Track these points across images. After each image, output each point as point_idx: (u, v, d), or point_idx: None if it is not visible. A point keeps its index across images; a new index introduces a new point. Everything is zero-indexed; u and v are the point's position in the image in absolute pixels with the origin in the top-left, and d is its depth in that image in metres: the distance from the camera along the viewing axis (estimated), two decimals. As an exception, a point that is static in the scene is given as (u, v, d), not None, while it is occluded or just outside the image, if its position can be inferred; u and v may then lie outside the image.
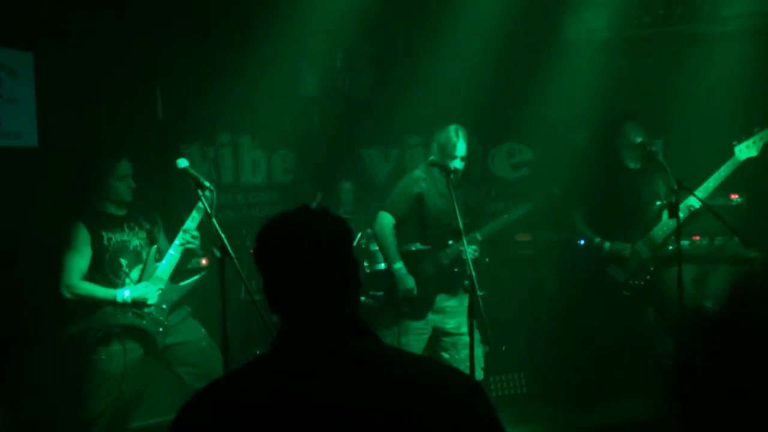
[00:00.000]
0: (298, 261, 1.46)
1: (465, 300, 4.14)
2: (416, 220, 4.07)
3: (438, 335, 4.08)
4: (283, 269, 1.48)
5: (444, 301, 4.10)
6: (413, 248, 4.04)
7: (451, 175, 3.95)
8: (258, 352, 4.66)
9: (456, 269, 4.07)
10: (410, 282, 4.00)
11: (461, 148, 3.99)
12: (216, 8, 5.03)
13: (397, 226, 4.05)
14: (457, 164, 4.01)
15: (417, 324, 4.02)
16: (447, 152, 4.00)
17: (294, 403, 1.33)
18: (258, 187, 6.03)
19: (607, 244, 4.44)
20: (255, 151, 6.00)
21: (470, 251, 4.00)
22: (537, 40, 5.57)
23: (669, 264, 4.28)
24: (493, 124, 5.94)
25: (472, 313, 3.56)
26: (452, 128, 4.04)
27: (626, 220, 4.43)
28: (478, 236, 4.03)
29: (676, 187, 3.70)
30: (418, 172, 4.16)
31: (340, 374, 1.36)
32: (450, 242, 4.07)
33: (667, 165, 3.84)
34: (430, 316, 4.07)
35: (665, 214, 4.23)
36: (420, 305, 4.04)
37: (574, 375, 4.86)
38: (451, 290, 4.12)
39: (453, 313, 4.09)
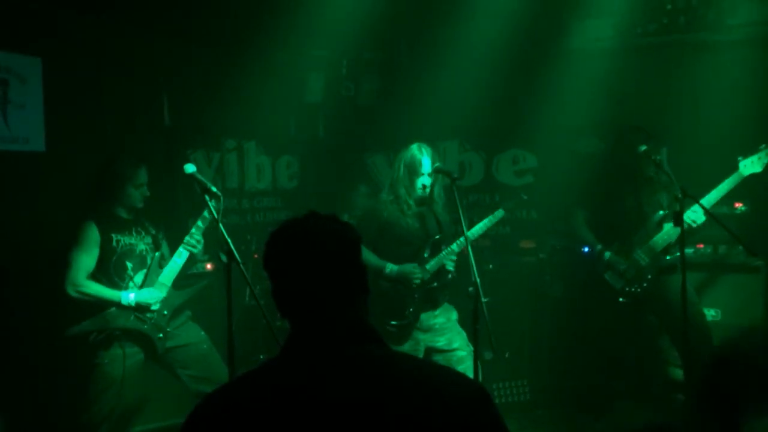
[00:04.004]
0: (306, 267, 1.47)
1: (453, 315, 4.16)
2: (389, 241, 4.07)
3: (430, 354, 4.06)
4: (291, 275, 1.49)
5: (431, 319, 4.07)
6: (388, 270, 4.02)
7: (426, 190, 4.01)
8: (262, 357, 4.67)
9: (435, 283, 4.05)
10: (409, 266, 3.98)
11: (426, 164, 4.01)
12: (222, 15, 5.05)
13: (373, 250, 4.06)
14: (425, 180, 4.02)
15: (406, 346, 3.99)
16: (414, 169, 4.02)
17: (302, 407, 1.34)
18: (263, 193, 6.05)
19: (607, 254, 4.44)
20: (260, 157, 6.03)
21: (450, 264, 4.02)
22: (542, 47, 5.58)
23: (671, 272, 4.29)
24: (497, 131, 5.94)
25: (476, 320, 3.56)
26: (415, 146, 4.07)
27: (627, 228, 4.43)
28: (455, 248, 4.02)
29: (680, 195, 3.70)
30: (383, 196, 4.17)
31: (348, 379, 1.37)
32: (426, 254, 4.06)
33: (672, 173, 3.85)
34: (420, 336, 4.04)
35: (668, 224, 4.23)
36: (405, 323, 4.02)
37: (578, 382, 4.86)
38: (433, 305, 4.08)
39: (442, 330, 4.07)
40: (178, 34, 4.95)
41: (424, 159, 4.01)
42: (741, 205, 4.65)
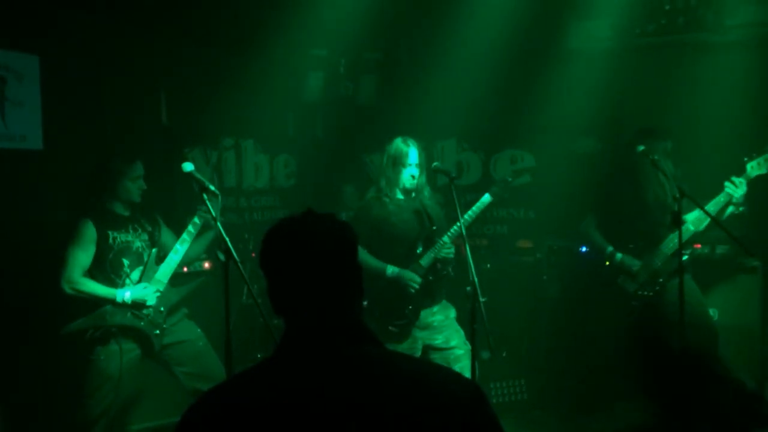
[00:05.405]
0: (302, 267, 1.46)
1: (451, 312, 4.15)
2: (383, 241, 4.04)
3: (428, 352, 4.05)
4: (287, 274, 1.48)
5: (429, 317, 4.05)
6: (389, 272, 4.00)
7: (415, 180, 3.99)
8: (259, 356, 4.67)
9: (431, 277, 4.03)
10: (408, 273, 3.98)
11: (413, 154, 4.00)
12: (221, 14, 5.05)
13: (367, 249, 4.03)
14: (413, 171, 4.01)
15: (405, 344, 3.98)
16: (399, 161, 4.01)
17: (297, 408, 1.33)
18: (260, 191, 6.05)
19: (619, 255, 4.44)
20: (258, 156, 6.03)
21: (444, 252, 3.99)
22: (541, 47, 5.59)
23: (678, 274, 4.28)
24: (495, 131, 5.95)
25: (474, 319, 3.56)
26: (400, 139, 4.06)
27: (637, 231, 4.43)
28: (446, 239, 4.01)
29: (678, 195, 3.70)
30: (370, 195, 4.16)
31: (344, 379, 1.37)
32: (419, 250, 4.04)
33: (669, 173, 3.85)
34: (418, 333, 4.02)
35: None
36: (404, 324, 4.01)
37: (575, 382, 4.86)
38: (431, 300, 4.07)
39: (440, 328, 4.05)
40: (176, 33, 4.95)
41: (410, 150, 4.00)
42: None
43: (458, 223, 3.74)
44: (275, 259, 1.49)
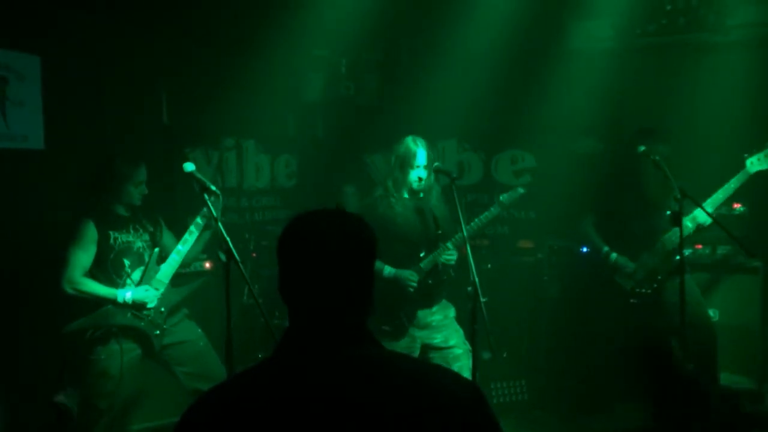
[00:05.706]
0: (305, 267, 1.45)
1: (450, 312, 4.13)
2: (387, 240, 4.00)
3: (427, 351, 4.04)
4: (292, 273, 1.47)
5: (428, 316, 4.04)
6: (386, 272, 3.99)
7: (422, 183, 3.97)
8: (260, 356, 4.67)
9: (430, 281, 4.02)
10: (407, 273, 3.97)
11: (422, 155, 3.97)
12: (221, 14, 5.06)
13: None
14: (421, 173, 3.98)
15: (403, 342, 3.97)
16: (407, 161, 3.97)
17: (297, 408, 1.33)
18: (261, 192, 6.06)
19: (613, 255, 4.44)
20: (259, 156, 6.04)
21: (445, 258, 3.97)
22: (542, 47, 5.59)
23: (677, 273, 4.29)
24: (496, 131, 5.95)
25: (474, 319, 3.56)
26: (410, 138, 4.02)
27: (635, 230, 4.43)
28: (450, 245, 3.99)
29: (678, 196, 3.71)
30: (378, 194, 4.14)
31: (344, 379, 1.37)
32: (422, 254, 4.03)
33: (671, 174, 3.85)
34: (417, 333, 4.01)
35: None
36: (398, 323, 4.00)
37: (575, 382, 4.86)
38: (429, 303, 4.05)
39: (439, 327, 4.04)
40: (177, 33, 4.96)
41: (419, 151, 3.97)
42: (739, 205, 4.65)
43: (464, 232, 3.71)
44: (283, 256, 1.48)
